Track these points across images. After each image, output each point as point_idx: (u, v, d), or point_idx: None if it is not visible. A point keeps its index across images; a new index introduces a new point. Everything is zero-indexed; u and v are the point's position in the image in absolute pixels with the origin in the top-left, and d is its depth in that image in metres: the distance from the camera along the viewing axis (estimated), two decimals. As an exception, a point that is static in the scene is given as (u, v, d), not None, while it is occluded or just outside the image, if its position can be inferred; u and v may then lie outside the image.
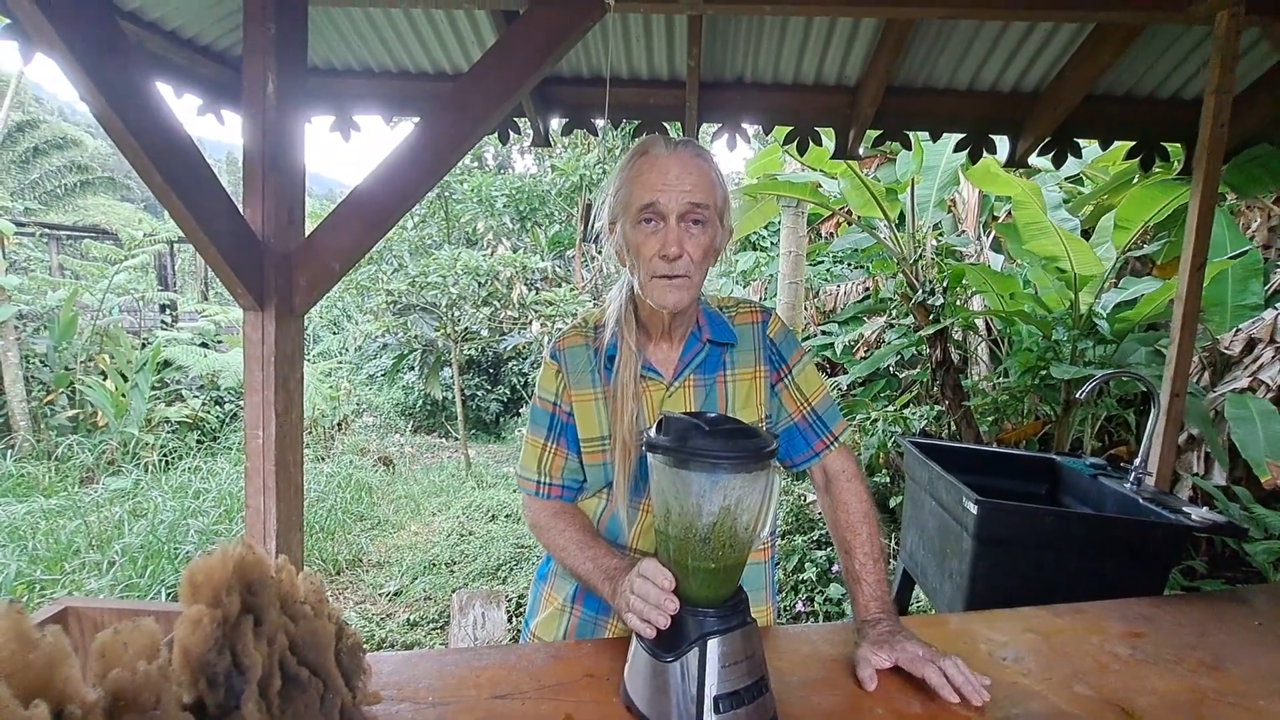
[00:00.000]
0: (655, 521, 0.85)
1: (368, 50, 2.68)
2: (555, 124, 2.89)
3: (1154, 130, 2.55)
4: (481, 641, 2.44)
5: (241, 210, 2.04)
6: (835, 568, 3.13)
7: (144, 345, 5.20)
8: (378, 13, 2.43)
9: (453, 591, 3.05)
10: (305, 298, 2.15)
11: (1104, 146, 2.64)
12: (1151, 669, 1.02)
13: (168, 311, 6.48)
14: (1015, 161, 2.72)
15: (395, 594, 3.10)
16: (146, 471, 3.85)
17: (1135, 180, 3.30)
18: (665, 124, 2.81)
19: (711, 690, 0.77)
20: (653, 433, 0.81)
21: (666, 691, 0.79)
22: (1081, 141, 2.66)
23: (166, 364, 5.03)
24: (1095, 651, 1.08)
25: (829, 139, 2.86)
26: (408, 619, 2.81)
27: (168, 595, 2.51)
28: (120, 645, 0.58)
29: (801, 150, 2.80)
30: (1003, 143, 2.75)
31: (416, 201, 2.20)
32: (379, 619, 2.80)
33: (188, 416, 4.63)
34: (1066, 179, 4.71)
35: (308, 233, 2.15)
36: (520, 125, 2.90)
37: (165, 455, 4.29)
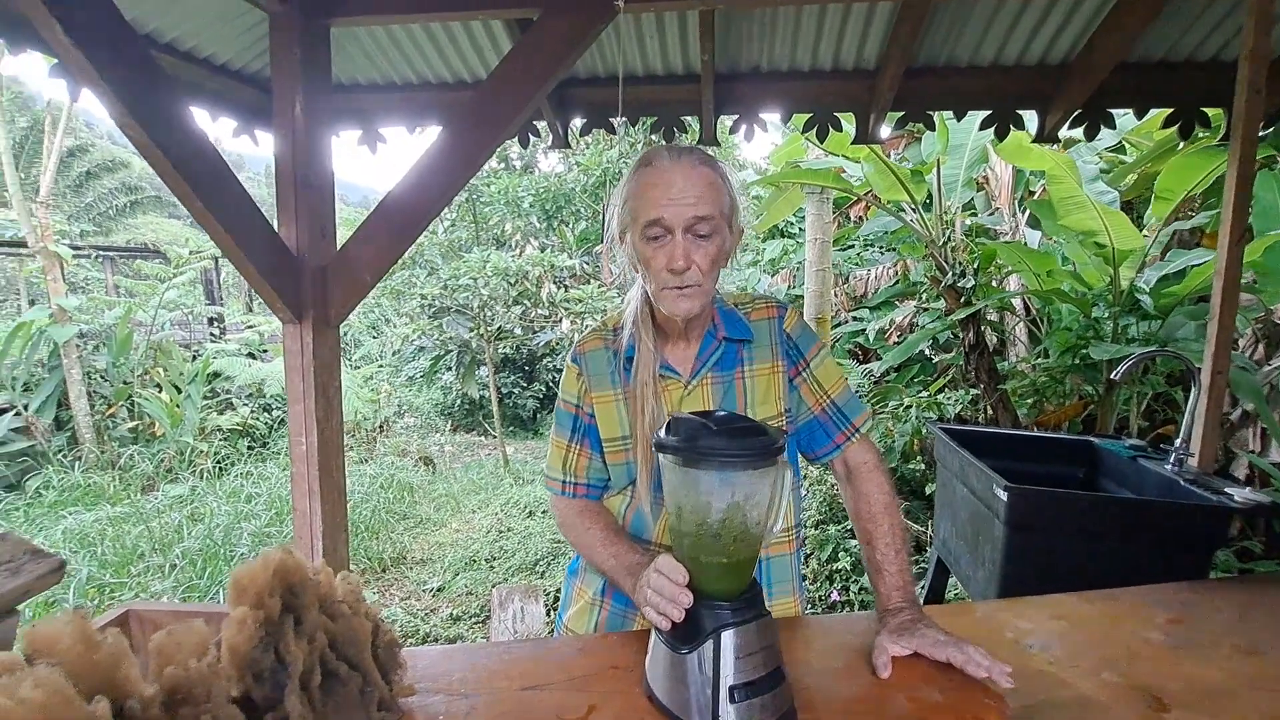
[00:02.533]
0: (669, 518, 0.88)
1: (390, 65, 2.75)
2: (574, 125, 2.92)
3: (1193, 95, 2.44)
4: (520, 635, 2.51)
5: (276, 227, 2.14)
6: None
7: (194, 357, 5.46)
8: (398, 28, 2.49)
9: (493, 587, 3.13)
10: (340, 309, 2.24)
11: (1139, 115, 2.54)
12: (1185, 655, 1.01)
13: (216, 324, 6.80)
14: (1045, 136, 2.64)
15: (438, 590, 3.21)
16: (202, 478, 4.05)
17: (1181, 147, 3.16)
18: (683, 118, 2.81)
19: (727, 680, 0.79)
20: (662, 433, 0.83)
21: (684, 682, 0.82)
22: (1116, 111, 2.57)
23: (216, 375, 5.28)
24: (1127, 638, 1.06)
25: (849, 124, 2.82)
26: (450, 614, 2.90)
27: (224, 594, 2.64)
28: (174, 645, 0.64)
29: (821, 137, 2.77)
30: (1031, 118, 2.67)
31: (442, 209, 2.26)
32: (423, 614, 2.90)
33: (238, 424, 4.86)
34: (1107, 149, 4.53)
35: (340, 245, 2.23)
36: (539, 128, 2.94)
37: (219, 462, 4.51)
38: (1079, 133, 2.66)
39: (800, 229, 7.10)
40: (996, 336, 4.76)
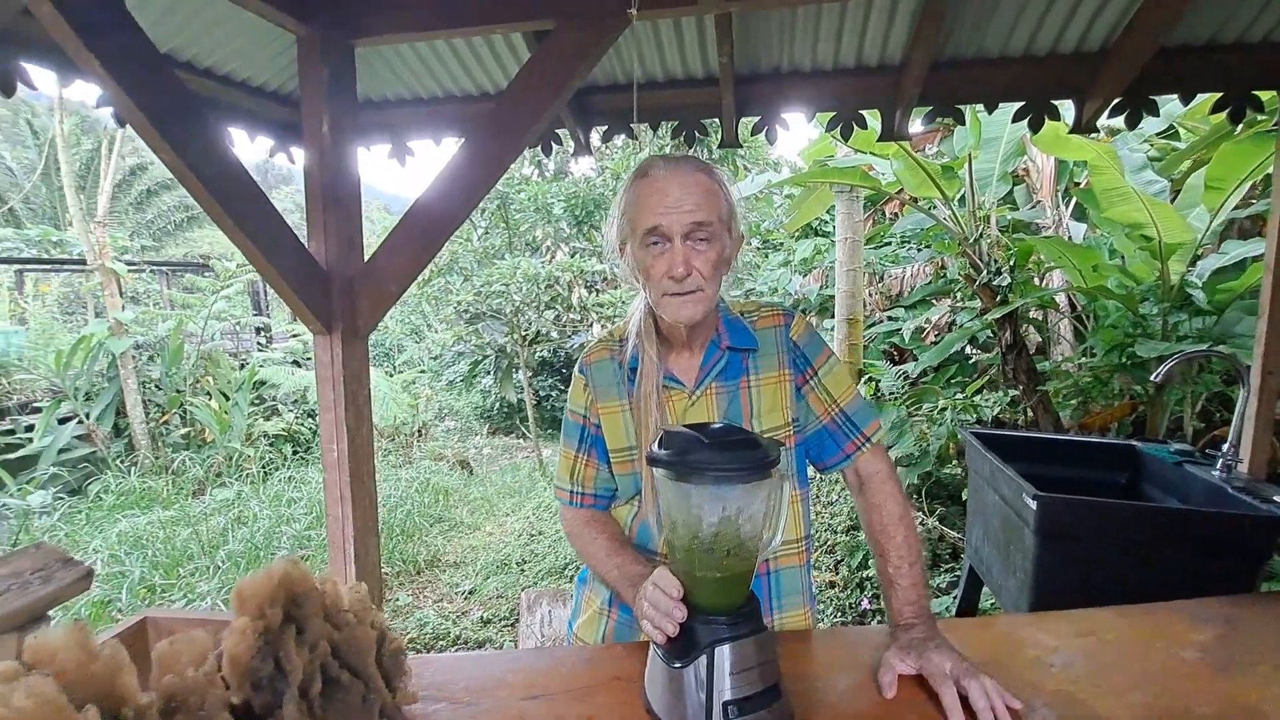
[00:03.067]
0: (664, 532, 0.87)
1: (416, 80, 2.81)
2: (595, 133, 2.94)
3: (1243, 79, 2.30)
4: (547, 639, 2.54)
5: (306, 241, 2.21)
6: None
7: (242, 366, 5.71)
8: (423, 45, 2.55)
9: (522, 590, 3.17)
10: (368, 319, 2.30)
11: (1185, 101, 2.40)
12: (1220, 674, 0.95)
13: (262, 334, 7.09)
14: (1083, 127, 2.52)
15: (470, 592, 3.26)
16: (249, 483, 4.23)
17: (1238, 131, 2.99)
18: (704, 122, 2.80)
19: (722, 696, 0.79)
20: (655, 447, 0.83)
21: (680, 697, 0.81)
22: (1161, 98, 2.44)
23: (261, 382, 5.51)
24: (1160, 656, 1.01)
25: (876, 121, 2.76)
26: (481, 616, 2.95)
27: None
28: (175, 654, 0.67)
29: (846, 135, 2.71)
30: (1067, 108, 2.56)
31: (464, 219, 2.30)
32: (455, 616, 2.96)
33: (283, 430, 5.05)
34: (1157, 134, 4.31)
35: (368, 256, 2.29)
36: (561, 136, 2.96)
37: (265, 466, 4.70)
38: (1120, 121, 2.55)
39: (833, 228, 6.97)
40: (1039, 335, 4.58)
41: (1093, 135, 3.05)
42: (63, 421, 4.60)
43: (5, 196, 12.68)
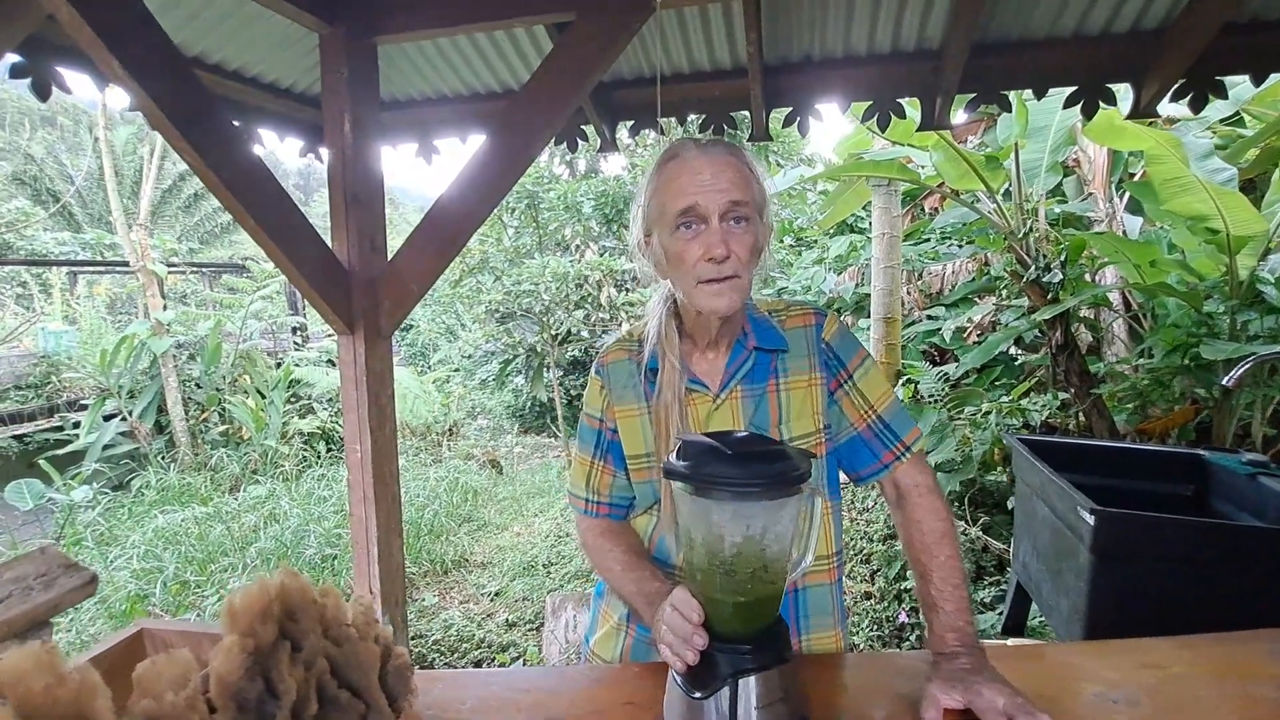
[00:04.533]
0: (683, 549, 0.81)
1: (440, 78, 2.80)
2: (621, 128, 2.88)
3: (1324, 55, 2.12)
4: (571, 644, 2.49)
5: (330, 242, 2.20)
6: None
7: (278, 365, 5.84)
8: (446, 42, 2.53)
9: (548, 593, 3.14)
10: (390, 319, 2.28)
11: (1256, 82, 2.22)
12: (1311, 720, 0.84)
13: (299, 333, 7.26)
14: (1141, 112, 2.36)
15: (496, 594, 3.24)
16: (283, 480, 4.31)
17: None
18: (732, 115, 2.71)
19: (744, 733, 0.71)
20: (672, 457, 0.76)
21: (698, 731, 0.74)
22: (1228, 80, 2.26)
23: (296, 381, 5.63)
24: (1234, 693, 0.90)
25: (915, 110, 2.63)
26: (506, 619, 2.92)
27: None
28: (155, 675, 0.63)
29: (883, 125, 2.59)
30: (1123, 93, 2.40)
31: (486, 217, 2.27)
32: (480, 619, 2.94)
33: (317, 428, 5.14)
34: (1221, 121, 4.05)
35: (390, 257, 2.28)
36: (587, 133, 2.91)
37: (300, 464, 4.79)
38: (1183, 107, 2.37)
39: (869, 224, 6.78)
40: (1091, 335, 4.35)
41: (1151, 122, 2.86)
42: (108, 418, 4.78)
43: (65, 202, 13.31)
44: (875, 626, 2.57)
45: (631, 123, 2.83)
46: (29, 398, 4.98)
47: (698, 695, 0.74)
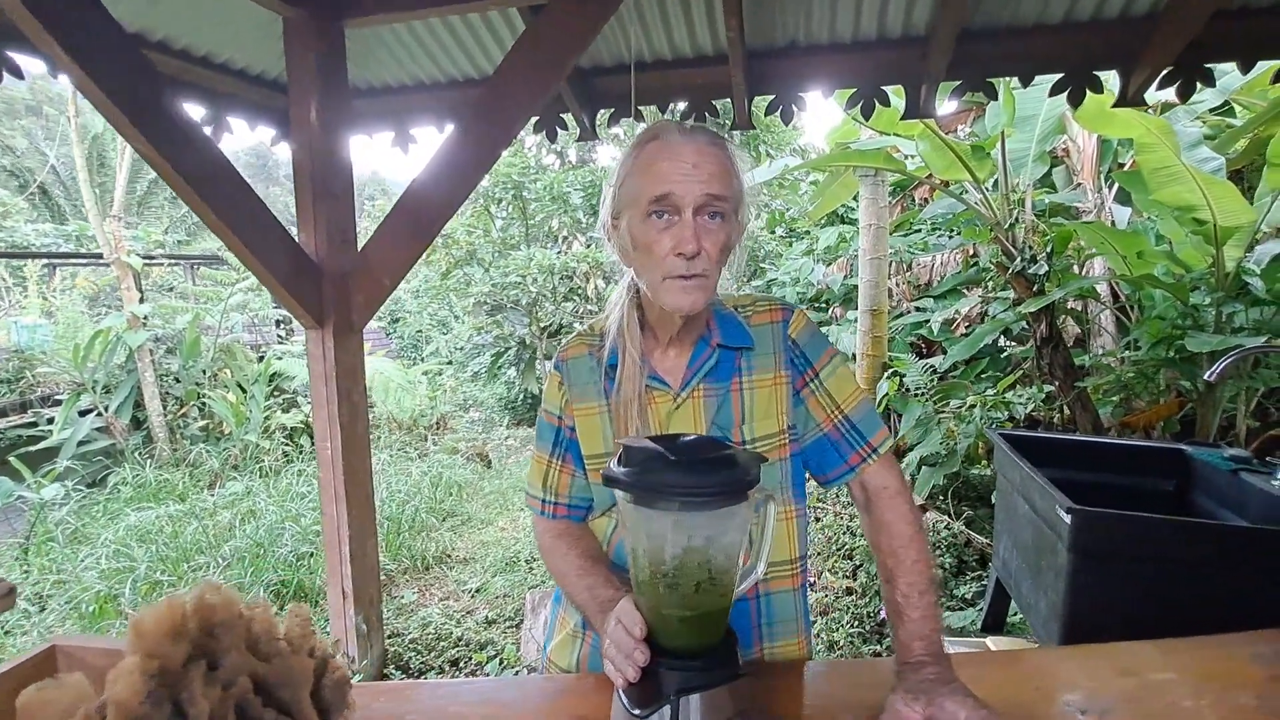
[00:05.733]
0: (629, 560, 0.76)
1: (417, 64, 2.73)
2: (602, 117, 2.81)
3: (1313, 42, 2.08)
4: (549, 643, 2.45)
5: (297, 234, 2.14)
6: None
7: (261, 358, 5.76)
8: (421, 26, 2.46)
9: (529, 589, 3.10)
10: (362, 313, 2.22)
11: (1245, 69, 2.18)
12: (1287, 729, 0.80)
13: (282, 326, 7.16)
14: (1129, 99, 2.32)
15: (477, 590, 3.20)
16: (263, 476, 4.25)
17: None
18: (714, 102, 2.65)
19: (689, 754, 0.67)
20: (613, 463, 0.72)
21: (641, 752, 0.70)
22: (1217, 67, 2.23)
23: (277, 375, 5.55)
24: (1213, 701, 0.87)
25: (899, 98, 2.58)
26: (486, 616, 2.88)
27: (265, 592, 2.75)
28: (41, 703, 0.58)
29: (866, 114, 2.54)
30: (1112, 80, 2.36)
31: (457, 207, 2.21)
32: (459, 616, 2.90)
33: (301, 422, 5.07)
34: (1210, 110, 4.01)
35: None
36: (566, 121, 2.85)
37: (283, 459, 4.72)
38: (1172, 94, 2.33)
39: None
40: (1078, 327, 4.33)
41: (1144, 109, 2.82)
42: (83, 414, 4.69)
43: (50, 193, 13.09)
44: (857, 623, 2.54)
45: (612, 111, 2.77)
46: (1, 393, 4.88)
47: (638, 713, 0.70)
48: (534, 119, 2.80)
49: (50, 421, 4.61)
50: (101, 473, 4.41)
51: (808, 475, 1.06)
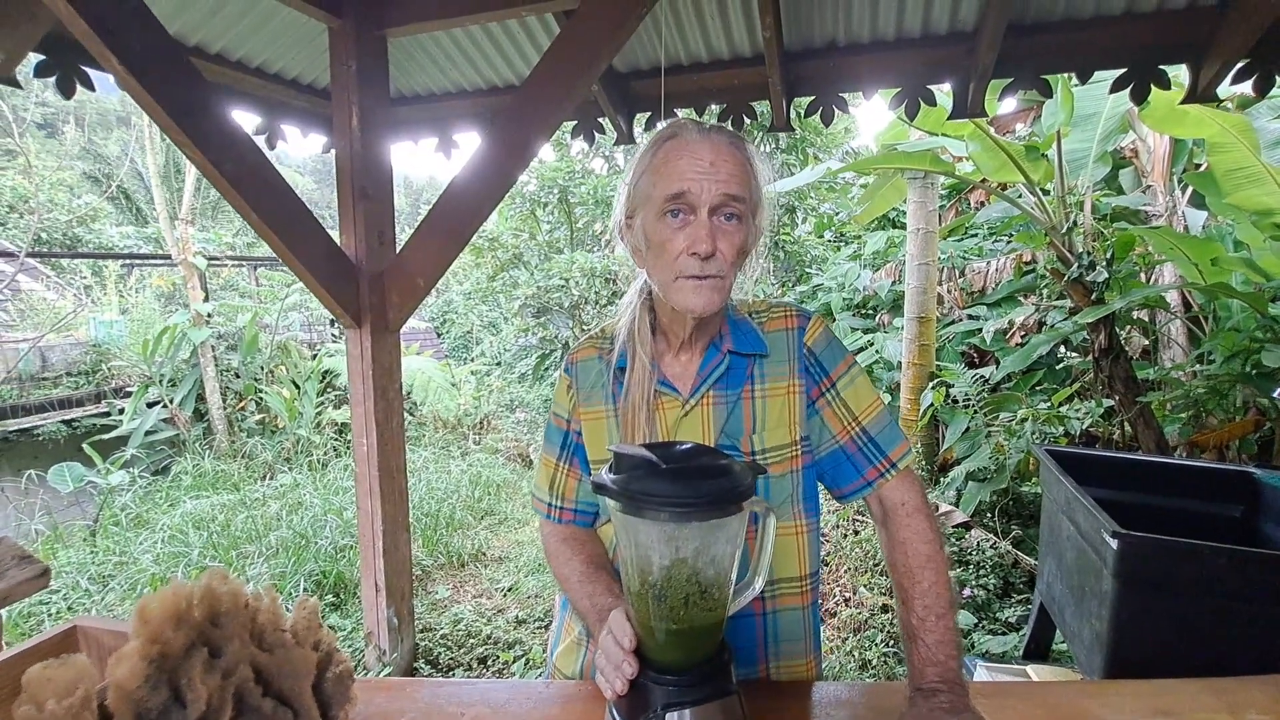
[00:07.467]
0: (621, 570, 0.75)
1: (458, 71, 2.79)
2: (638, 119, 2.81)
3: None
4: (574, 646, 2.46)
5: (338, 235, 2.21)
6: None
7: (314, 356, 6.01)
8: (461, 34, 2.51)
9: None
10: (398, 314, 2.28)
11: (1333, 61, 2.00)
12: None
13: (336, 325, 7.46)
14: (1198, 95, 2.17)
15: (509, 589, 3.24)
16: (311, 469, 4.42)
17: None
18: (752, 104, 2.62)
19: (675, 773, 0.65)
20: (604, 471, 0.70)
21: (627, 766, 0.69)
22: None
23: (329, 372, 5.78)
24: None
25: (947, 97, 2.49)
26: (516, 616, 2.91)
27: (305, 584, 2.85)
28: (44, 681, 0.61)
29: (911, 114, 2.46)
30: (1179, 74, 2.20)
31: (492, 210, 2.24)
32: (490, 614, 2.93)
33: (349, 419, 5.26)
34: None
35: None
36: (604, 125, 2.86)
37: (332, 453, 4.91)
38: (1247, 88, 2.16)
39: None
40: (1146, 338, 4.07)
41: (1218, 105, 2.63)
42: (151, 405, 5.01)
43: (134, 198, 14.03)
44: (892, 641, 2.45)
45: (649, 114, 2.76)
46: (79, 384, 5.27)
47: (627, 728, 0.69)
48: (572, 123, 2.83)
49: (121, 412, 4.93)
50: (165, 461, 4.69)
51: (823, 489, 1.02)
